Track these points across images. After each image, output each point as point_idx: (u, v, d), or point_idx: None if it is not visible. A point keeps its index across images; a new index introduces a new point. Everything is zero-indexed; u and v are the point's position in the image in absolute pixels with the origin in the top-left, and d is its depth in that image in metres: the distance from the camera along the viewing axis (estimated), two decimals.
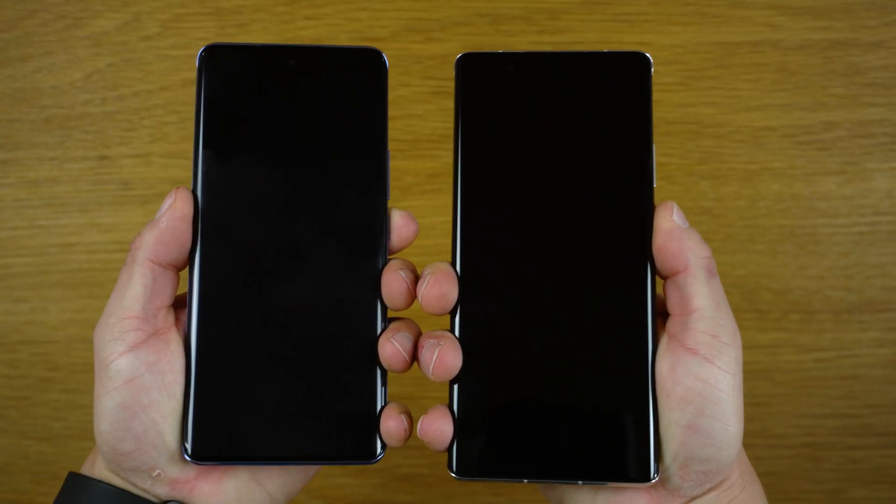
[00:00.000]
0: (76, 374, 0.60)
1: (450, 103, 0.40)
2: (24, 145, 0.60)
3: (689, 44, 0.60)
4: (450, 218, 0.39)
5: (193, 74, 0.60)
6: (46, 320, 0.60)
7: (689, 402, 0.36)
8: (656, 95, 0.59)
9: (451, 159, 0.39)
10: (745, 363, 0.59)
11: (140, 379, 0.36)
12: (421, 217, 0.44)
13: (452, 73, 0.40)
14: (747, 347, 0.59)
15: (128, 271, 0.37)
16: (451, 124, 0.39)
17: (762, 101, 0.60)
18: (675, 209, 0.38)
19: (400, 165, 0.59)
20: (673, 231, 0.37)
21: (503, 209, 0.38)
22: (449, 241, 0.39)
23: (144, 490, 0.37)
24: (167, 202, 0.38)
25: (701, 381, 0.35)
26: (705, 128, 0.60)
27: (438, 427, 0.37)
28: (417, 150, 0.59)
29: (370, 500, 0.59)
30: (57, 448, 0.60)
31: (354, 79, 0.39)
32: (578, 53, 0.39)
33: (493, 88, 0.39)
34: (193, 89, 0.60)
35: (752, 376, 0.59)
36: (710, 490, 0.37)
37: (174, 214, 0.38)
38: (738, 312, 0.58)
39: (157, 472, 0.37)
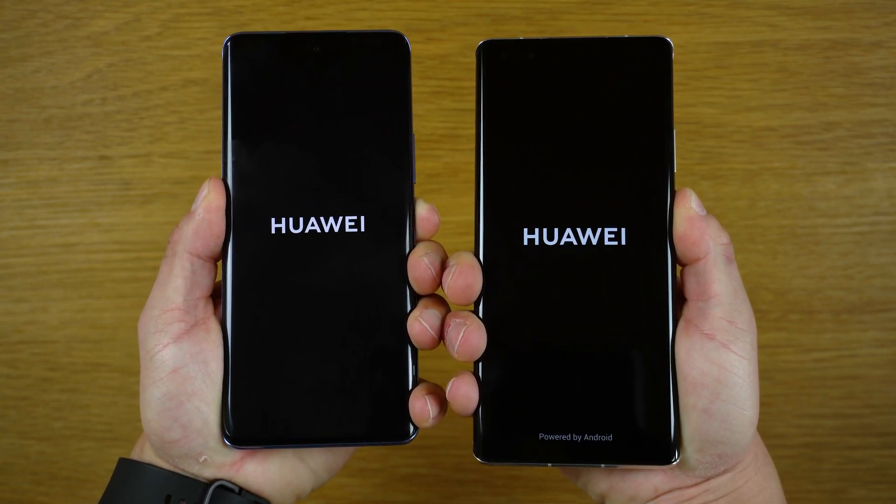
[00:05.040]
0: (76, 374, 0.60)
1: (450, 103, 0.40)
2: (24, 145, 0.60)
3: (689, 44, 0.60)
4: (451, 218, 0.39)
5: (193, 74, 0.60)
6: (46, 320, 0.60)
7: (705, 387, 0.36)
8: None
9: (451, 159, 0.39)
10: None
11: (184, 369, 0.37)
12: None
13: (452, 74, 0.40)
14: None
15: (168, 264, 0.38)
16: (452, 124, 0.39)
17: (762, 101, 0.60)
18: (692, 197, 0.38)
19: None
20: (693, 220, 0.37)
21: (525, 196, 0.38)
22: (450, 241, 0.39)
23: (193, 474, 0.38)
24: (201, 194, 0.39)
25: (717, 365, 0.36)
26: (705, 128, 0.60)
27: (466, 392, 0.37)
28: (417, 150, 0.59)
29: (370, 500, 0.59)
30: (57, 448, 0.60)
31: (377, 63, 0.39)
32: (599, 39, 0.39)
33: (514, 75, 0.39)
34: (194, 89, 0.60)
35: None
36: (724, 471, 0.38)
37: (209, 206, 0.38)
38: None
39: (203, 457, 0.38)
